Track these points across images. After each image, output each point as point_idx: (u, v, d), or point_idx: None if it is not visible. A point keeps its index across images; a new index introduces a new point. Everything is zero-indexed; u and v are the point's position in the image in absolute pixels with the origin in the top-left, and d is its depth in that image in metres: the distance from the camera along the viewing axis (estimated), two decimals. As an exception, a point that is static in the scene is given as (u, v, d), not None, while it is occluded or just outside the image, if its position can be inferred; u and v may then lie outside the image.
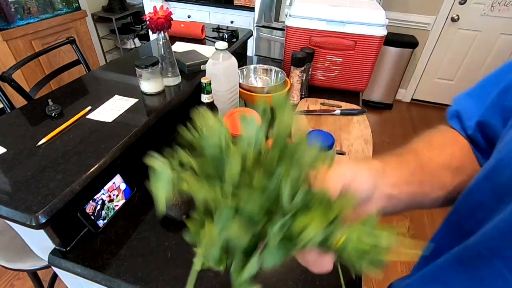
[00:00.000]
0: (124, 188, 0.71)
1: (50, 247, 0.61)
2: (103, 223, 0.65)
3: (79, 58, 1.44)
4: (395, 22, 2.68)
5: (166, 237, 0.64)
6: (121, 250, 0.61)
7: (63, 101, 0.82)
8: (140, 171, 0.80)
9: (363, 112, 1.08)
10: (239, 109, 0.94)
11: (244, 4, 2.50)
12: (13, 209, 0.52)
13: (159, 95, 0.89)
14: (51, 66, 2.28)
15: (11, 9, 2.09)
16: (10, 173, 0.59)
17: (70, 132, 0.71)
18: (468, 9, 2.51)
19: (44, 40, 2.33)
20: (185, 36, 1.31)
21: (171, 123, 0.94)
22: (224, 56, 0.89)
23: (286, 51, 1.20)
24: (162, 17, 0.85)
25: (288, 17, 1.15)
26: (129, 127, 0.74)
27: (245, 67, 1.14)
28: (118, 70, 1.04)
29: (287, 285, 0.56)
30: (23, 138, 0.68)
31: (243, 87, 1.03)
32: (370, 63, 1.14)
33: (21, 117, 0.77)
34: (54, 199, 0.54)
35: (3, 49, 2.08)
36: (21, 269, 0.89)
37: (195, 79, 1.01)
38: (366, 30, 1.07)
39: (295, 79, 1.10)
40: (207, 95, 0.82)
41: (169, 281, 0.56)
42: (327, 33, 1.11)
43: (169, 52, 0.91)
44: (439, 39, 2.69)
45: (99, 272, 0.57)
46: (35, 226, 0.51)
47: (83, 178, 0.59)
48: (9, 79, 1.14)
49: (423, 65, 2.85)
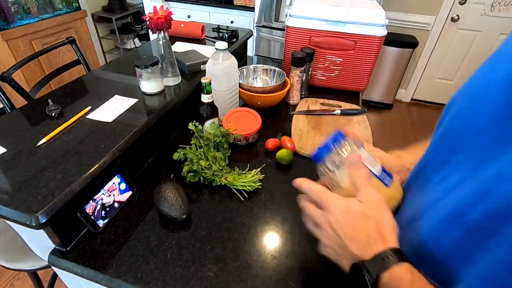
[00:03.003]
0: (124, 188, 0.70)
1: (50, 247, 0.61)
2: (103, 223, 0.65)
3: (79, 58, 1.44)
4: (395, 22, 2.68)
5: (166, 237, 0.64)
6: (121, 250, 0.61)
7: (63, 101, 0.82)
8: (140, 171, 0.80)
9: (363, 112, 1.08)
10: (239, 109, 0.94)
11: (244, 4, 2.50)
12: (13, 209, 0.52)
13: (159, 95, 0.89)
14: (51, 66, 2.28)
15: (11, 9, 2.09)
16: (10, 173, 0.59)
17: (70, 132, 0.71)
18: (468, 9, 2.51)
19: (44, 40, 2.33)
20: (185, 36, 1.31)
21: (171, 123, 0.94)
22: (224, 56, 0.89)
23: (286, 51, 1.20)
24: (162, 17, 0.85)
25: (288, 17, 1.15)
26: (129, 127, 0.74)
27: (245, 67, 1.14)
28: (118, 70, 1.04)
29: (287, 285, 0.56)
30: (23, 138, 0.68)
31: (243, 87, 1.03)
32: (370, 63, 1.14)
33: (21, 117, 0.77)
34: (54, 199, 0.54)
35: (3, 49, 2.08)
36: (21, 269, 0.89)
37: (195, 79, 1.01)
38: (366, 30, 1.07)
39: (295, 79, 1.10)
40: (207, 95, 0.82)
41: (169, 281, 0.56)
42: (327, 33, 1.11)
43: (169, 52, 0.91)
44: (439, 39, 2.69)
45: (99, 272, 0.57)
46: (35, 226, 0.51)
47: (83, 178, 0.59)
48: (9, 79, 1.14)
49: (423, 65, 2.85)
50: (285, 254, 0.62)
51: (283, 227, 0.67)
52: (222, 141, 0.81)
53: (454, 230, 0.31)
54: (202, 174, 0.75)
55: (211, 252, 0.61)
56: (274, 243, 0.64)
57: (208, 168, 0.75)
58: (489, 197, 0.27)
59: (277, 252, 0.62)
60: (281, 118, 1.07)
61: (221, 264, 0.59)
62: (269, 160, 0.86)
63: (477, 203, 0.28)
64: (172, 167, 0.81)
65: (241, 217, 0.69)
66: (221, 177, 0.75)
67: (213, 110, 0.85)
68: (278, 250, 0.62)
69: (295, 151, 0.87)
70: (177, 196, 0.66)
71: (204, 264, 0.59)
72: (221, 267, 0.59)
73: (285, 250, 0.62)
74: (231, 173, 0.77)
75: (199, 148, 0.79)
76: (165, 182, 0.69)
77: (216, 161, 0.78)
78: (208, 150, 0.78)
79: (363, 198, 0.38)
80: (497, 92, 0.29)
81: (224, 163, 0.79)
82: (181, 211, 0.65)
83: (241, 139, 0.88)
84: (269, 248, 0.63)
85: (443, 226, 0.33)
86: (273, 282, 0.57)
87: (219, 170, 0.77)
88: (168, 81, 0.95)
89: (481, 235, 0.28)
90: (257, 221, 0.68)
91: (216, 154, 0.78)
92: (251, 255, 0.61)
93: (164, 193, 0.66)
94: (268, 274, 0.58)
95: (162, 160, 0.84)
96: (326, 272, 0.58)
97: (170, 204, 0.64)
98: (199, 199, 0.73)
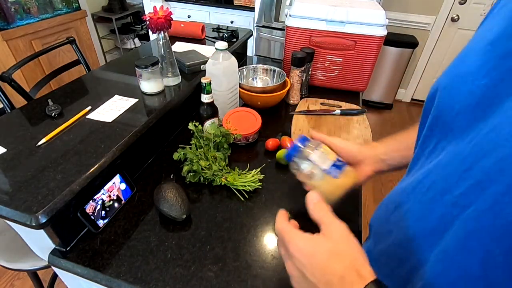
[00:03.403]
0: (124, 188, 0.71)
1: (50, 247, 0.61)
2: (103, 223, 0.65)
3: (79, 58, 1.44)
4: (395, 22, 2.68)
5: (166, 237, 0.64)
6: (121, 250, 0.61)
7: (63, 101, 0.82)
8: (140, 171, 0.80)
9: (363, 112, 1.08)
10: (239, 109, 0.94)
11: (244, 4, 2.50)
12: (13, 209, 0.52)
13: (159, 95, 0.89)
14: (51, 66, 2.28)
15: (11, 9, 2.09)
16: (10, 173, 0.59)
17: (70, 132, 0.71)
18: (468, 9, 2.51)
19: (44, 40, 2.33)
20: (185, 36, 1.31)
21: (171, 123, 0.94)
22: (224, 56, 0.89)
23: (286, 51, 1.20)
24: (162, 17, 0.85)
25: (288, 17, 1.15)
26: (129, 127, 0.74)
27: (245, 67, 1.14)
28: (118, 70, 1.04)
29: (287, 285, 0.56)
30: (23, 138, 0.68)
31: (243, 87, 1.03)
32: (370, 63, 1.14)
33: (21, 117, 0.77)
34: (54, 199, 0.54)
35: (3, 49, 2.08)
36: (21, 269, 0.89)
37: (195, 79, 1.01)
38: (366, 30, 1.07)
39: (295, 79, 1.10)
40: (207, 95, 0.82)
41: (169, 281, 0.56)
42: (327, 33, 1.11)
43: (169, 52, 0.91)
44: (439, 39, 2.69)
45: (99, 272, 0.57)
46: (35, 226, 0.51)
47: (83, 178, 0.59)
48: (9, 79, 1.14)
49: (423, 65, 2.85)
50: (285, 254, 0.62)
51: (283, 227, 0.67)
52: (222, 141, 0.81)
53: (439, 207, 0.32)
54: (202, 174, 0.75)
55: (211, 252, 0.61)
56: (274, 243, 0.64)
57: (208, 168, 0.75)
58: (470, 172, 0.28)
59: (277, 252, 0.62)
60: (281, 118, 1.07)
61: (221, 264, 0.59)
62: (269, 160, 0.86)
63: (460, 180, 0.30)
64: (172, 167, 0.81)
65: (241, 217, 0.69)
66: (221, 177, 0.75)
67: (213, 110, 0.85)
68: (278, 250, 0.62)
69: (295, 151, 0.88)
70: (177, 196, 0.66)
71: (204, 264, 0.59)
72: (221, 267, 0.59)
73: (285, 250, 0.62)
74: (231, 173, 0.77)
75: (199, 148, 0.79)
76: (165, 182, 0.69)
77: (216, 161, 0.78)
78: (208, 150, 0.78)
79: (328, 232, 0.35)
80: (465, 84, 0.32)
81: (224, 163, 0.79)
82: (181, 211, 0.65)
83: (241, 139, 0.88)
84: (269, 248, 0.63)
85: (429, 204, 0.34)
86: (273, 282, 0.57)
87: (219, 170, 0.77)
88: (168, 81, 0.95)
89: (458, 212, 0.29)
90: (257, 221, 0.68)
91: (216, 154, 0.78)
92: (251, 255, 0.61)
93: (164, 193, 0.66)
94: (268, 274, 0.58)
95: (162, 160, 0.84)
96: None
97: (170, 204, 0.64)
98: (199, 199, 0.73)
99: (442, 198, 0.32)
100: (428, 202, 0.34)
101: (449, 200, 0.30)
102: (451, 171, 0.31)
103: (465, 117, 0.31)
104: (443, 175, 0.32)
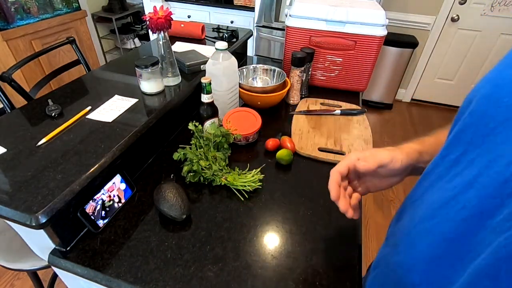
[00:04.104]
0: (124, 188, 0.70)
1: (50, 247, 0.61)
2: (103, 223, 0.65)
3: (79, 58, 1.44)
4: (395, 22, 2.68)
5: (166, 237, 0.64)
6: (121, 250, 0.61)
7: (63, 101, 0.82)
8: (140, 171, 0.80)
9: (363, 112, 1.08)
10: (239, 109, 0.94)
11: (244, 4, 2.50)
12: (13, 209, 0.52)
13: (159, 95, 0.89)
14: (51, 66, 2.28)
15: (11, 9, 2.09)
16: (10, 173, 0.59)
17: (70, 132, 0.71)
18: (468, 9, 2.51)
19: (44, 40, 2.33)
20: (185, 36, 1.31)
21: (171, 123, 0.94)
22: (224, 56, 0.89)
23: (286, 51, 1.20)
24: (162, 17, 0.85)
25: (288, 17, 1.15)
26: (129, 127, 0.74)
27: (245, 67, 1.14)
28: (118, 70, 1.04)
29: (287, 285, 0.56)
30: (23, 138, 0.68)
31: (243, 87, 1.03)
32: (370, 63, 1.14)
33: (21, 117, 0.77)
34: (54, 199, 0.54)
35: (3, 49, 2.08)
36: (21, 269, 0.89)
37: (195, 79, 1.01)
38: (366, 30, 1.07)
39: (295, 79, 1.10)
40: (207, 95, 0.82)
41: (169, 281, 0.56)
42: (327, 33, 1.11)
43: (169, 52, 0.91)
44: (439, 39, 2.69)
45: (99, 272, 0.57)
46: (35, 226, 0.51)
47: (83, 178, 0.59)
48: (9, 79, 1.14)
49: (423, 65, 2.85)
50: (285, 254, 0.62)
51: (283, 227, 0.67)
52: (222, 141, 0.81)
53: (477, 231, 0.30)
54: (202, 174, 0.75)
55: (211, 252, 0.61)
56: (274, 243, 0.64)
57: (208, 168, 0.75)
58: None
59: (277, 252, 0.62)
60: (281, 118, 1.07)
61: (221, 264, 0.59)
62: (269, 160, 0.86)
63: (502, 205, 0.28)
64: (172, 167, 0.81)
65: (241, 217, 0.69)
66: (221, 177, 0.75)
67: (213, 110, 0.85)
68: (278, 250, 0.62)
69: (295, 151, 0.87)
70: (177, 196, 0.66)
71: (204, 264, 0.59)
72: (221, 267, 0.59)
73: (285, 250, 0.62)
74: (231, 173, 0.77)
75: (199, 148, 0.79)
76: (165, 182, 0.69)
77: (216, 161, 0.78)
78: (208, 150, 0.78)
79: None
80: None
81: (224, 163, 0.79)
82: (181, 211, 0.65)
83: (241, 139, 0.88)
84: (269, 248, 0.63)
85: (464, 225, 0.32)
86: (273, 282, 0.57)
87: (219, 170, 0.77)
88: (168, 81, 0.95)
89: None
90: (257, 221, 0.68)
91: (216, 154, 0.78)
92: (251, 255, 0.61)
93: (164, 193, 0.66)
94: (268, 274, 0.58)
95: (162, 160, 0.84)
96: (326, 272, 0.58)
97: (170, 204, 0.64)
98: (199, 199, 0.73)
99: (481, 222, 0.30)
100: (462, 222, 0.32)
101: (490, 226, 0.29)
102: (492, 193, 0.29)
103: (505, 130, 0.29)
104: (484, 196, 0.30)
